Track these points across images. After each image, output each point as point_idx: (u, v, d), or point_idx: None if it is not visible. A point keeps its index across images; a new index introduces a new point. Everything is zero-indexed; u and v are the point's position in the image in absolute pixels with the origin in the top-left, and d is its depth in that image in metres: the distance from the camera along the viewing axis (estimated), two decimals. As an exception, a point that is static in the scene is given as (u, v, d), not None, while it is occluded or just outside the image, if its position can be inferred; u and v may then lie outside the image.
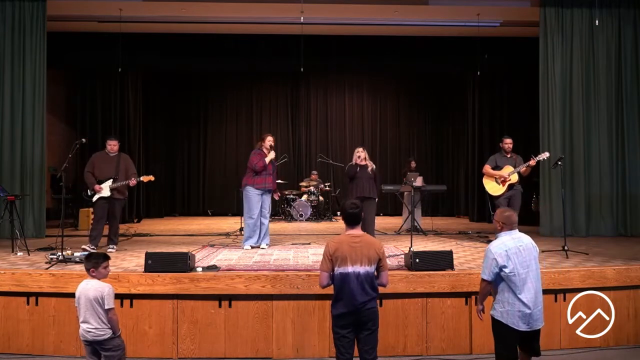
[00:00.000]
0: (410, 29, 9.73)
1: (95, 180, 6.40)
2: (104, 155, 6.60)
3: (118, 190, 6.46)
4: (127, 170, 6.56)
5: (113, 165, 6.47)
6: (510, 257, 3.43)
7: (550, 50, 8.26)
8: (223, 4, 8.63)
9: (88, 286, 3.66)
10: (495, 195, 6.94)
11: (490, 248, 3.52)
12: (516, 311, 3.41)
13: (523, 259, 3.45)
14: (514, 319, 3.42)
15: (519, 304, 3.41)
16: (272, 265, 5.34)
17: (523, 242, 3.52)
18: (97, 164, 6.48)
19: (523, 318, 3.41)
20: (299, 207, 11.28)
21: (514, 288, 3.42)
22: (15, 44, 7.98)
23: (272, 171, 6.72)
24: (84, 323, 3.61)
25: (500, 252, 3.44)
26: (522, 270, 3.43)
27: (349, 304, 3.45)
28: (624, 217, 8.17)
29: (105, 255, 3.84)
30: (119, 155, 6.61)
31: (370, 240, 3.58)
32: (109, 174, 6.44)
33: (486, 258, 3.52)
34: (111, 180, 6.40)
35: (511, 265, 3.42)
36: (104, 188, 6.37)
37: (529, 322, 3.42)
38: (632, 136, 8.22)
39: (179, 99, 13.11)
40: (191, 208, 13.26)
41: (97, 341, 3.60)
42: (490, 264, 3.46)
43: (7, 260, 5.62)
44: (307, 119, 13.55)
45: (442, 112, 13.36)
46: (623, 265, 5.24)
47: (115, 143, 6.62)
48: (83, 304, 3.62)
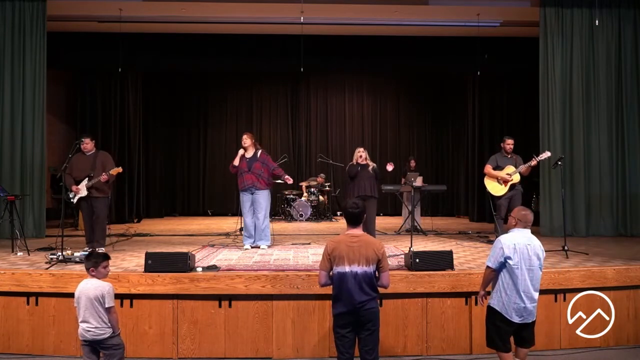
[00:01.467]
0: (410, 29, 9.72)
1: (74, 181, 6.24)
2: (80, 155, 6.38)
3: (96, 188, 6.22)
4: (104, 166, 6.27)
5: (89, 164, 6.27)
6: (516, 251, 3.60)
7: (550, 50, 8.26)
8: (223, 4, 8.63)
9: (88, 285, 3.66)
10: (496, 196, 6.94)
11: (500, 239, 3.71)
12: (513, 303, 3.60)
13: (528, 257, 3.61)
14: (509, 310, 3.61)
15: (517, 296, 3.59)
16: (272, 265, 5.34)
17: (532, 243, 3.67)
18: (75, 165, 6.28)
19: (517, 311, 3.60)
20: (299, 207, 11.29)
21: (515, 280, 3.59)
22: (15, 44, 7.97)
23: (247, 169, 6.61)
24: (83, 322, 3.61)
25: (509, 244, 3.62)
26: (525, 267, 3.60)
27: (347, 303, 3.44)
28: (624, 217, 8.17)
29: (105, 254, 3.85)
30: (95, 153, 6.40)
31: (370, 241, 3.56)
32: (86, 173, 6.23)
33: (494, 247, 3.70)
34: (87, 179, 6.21)
35: (516, 258, 3.59)
36: (81, 188, 6.20)
37: (522, 315, 3.61)
38: (632, 136, 8.21)
39: (179, 99, 13.11)
40: (191, 208, 13.26)
41: (97, 340, 3.60)
42: (498, 252, 3.64)
43: (7, 260, 5.62)
44: (307, 119, 13.54)
45: (442, 112, 13.35)
46: (623, 265, 5.24)
47: (88, 141, 6.35)
48: (83, 304, 3.62)
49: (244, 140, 6.78)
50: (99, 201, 6.29)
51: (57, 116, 11.08)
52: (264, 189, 6.66)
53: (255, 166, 6.62)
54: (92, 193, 6.22)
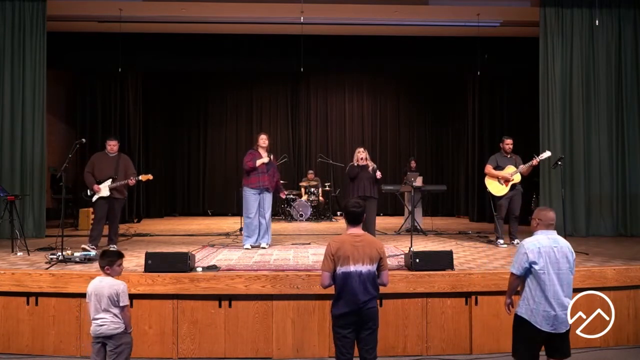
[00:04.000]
0: (410, 29, 9.73)
1: (95, 180, 6.42)
2: (103, 155, 6.62)
3: (117, 190, 6.47)
4: (126, 170, 6.58)
5: (112, 166, 6.49)
6: (542, 255, 3.36)
7: (550, 50, 8.26)
8: (223, 4, 8.63)
9: (102, 283, 3.66)
10: (497, 196, 6.94)
11: (523, 243, 3.47)
12: (541, 311, 3.34)
13: (556, 260, 3.37)
14: (537, 318, 3.34)
15: (545, 303, 3.33)
16: (272, 265, 5.34)
17: (559, 244, 3.43)
18: (97, 164, 6.51)
19: (547, 319, 3.33)
20: (299, 207, 11.29)
21: (542, 286, 3.34)
22: (15, 44, 7.97)
23: (266, 170, 6.69)
24: (96, 319, 3.61)
25: (533, 248, 3.38)
26: (553, 271, 3.36)
27: (351, 303, 3.44)
28: (624, 217, 8.16)
29: (119, 253, 3.84)
30: (118, 156, 6.64)
31: (371, 240, 3.60)
32: (108, 174, 6.45)
33: (518, 252, 3.47)
34: (110, 180, 6.41)
35: (542, 263, 3.35)
36: (102, 188, 6.39)
37: (553, 324, 3.34)
38: (632, 136, 8.21)
39: (179, 99, 13.11)
40: (191, 208, 13.26)
41: (110, 335, 3.59)
42: (521, 258, 3.40)
43: (7, 260, 5.62)
44: (307, 119, 13.54)
45: (442, 112, 13.35)
46: (623, 265, 5.24)
47: (115, 143, 6.64)
48: (96, 301, 3.62)
49: (264, 141, 6.82)
50: (118, 202, 6.58)
51: (57, 116, 11.08)
52: (272, 191, 6.87)
53: (271, 170, 6.83)
54: (113, 194, 6.47)
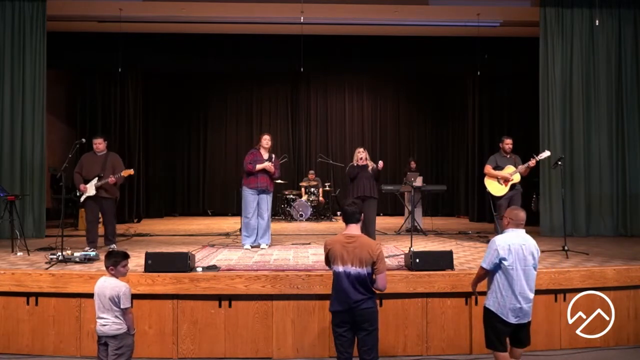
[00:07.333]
0: (410, 29, 9.72)
1: (82, 180, 6.30)
2: (91, 155, 6.47)
3: (105, 189, 6.29)
4: (114, 168, 6.36)
5: (99, 164, 6.34)
6: (511, 252, 3.58)
7: (550, 50, 8.26)
8: (223, 4, 8.63)
9: (106, 284, 3.66)
10: (497, 196, 6.93)
11: (494, 240, 3.69)
12: (508, 304, 3.58)
13: (523, 257, 3.60)
14: (504, 310, 3.58)
15: (512, 297, 3.57)
16: (272, 265, 5.34)
17: (527, 242, 3.66)
18: (85, 164, 6.37)
19: (514, 311, 3.58)
20: (299, 207, 11.28)
21: (510, 281, 3.58)
22: (15, 44, 7.97)
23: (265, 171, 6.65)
24: (100, 318, 3.62)
25: (504, 245, 3.60)
26: (520, 267, 3.59)
27: (343, 302, 3.46)
28: (624, 217, 8.16)
29: (125, 253, 3.83)
30: (107, 154, 6.48)
31: (366, 242, 3.53)
32: (96, 173, 6.29)
33: (489, 248, 3.69)
34: (96, 179, 6.26)
35: (511, 259, 3.58)
36: (89, 187, 6.25)
37: (518, 316, 3.59)
38: (632, 136, 8.21)
39: (179, 99, 13.10)
40: (191, 208, 13.25)
41: (113, 335, 3.59)
42: (492, 254, 3.63)
43: (7, 260, 5.62)
44: (307, 119, 13.54)
45: (442, 112, 13.35)
46: (623, 265, 5.24)
47: (101, 141, 6.44)
48: (99, 301, 3.63)
49: (267, 141, 6.80)
50: (107, 202, 6.41)
51: (57, 116, 11.08)
52: (271, 191, 6.82)
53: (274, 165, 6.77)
54: (101, 193, 6.30)
